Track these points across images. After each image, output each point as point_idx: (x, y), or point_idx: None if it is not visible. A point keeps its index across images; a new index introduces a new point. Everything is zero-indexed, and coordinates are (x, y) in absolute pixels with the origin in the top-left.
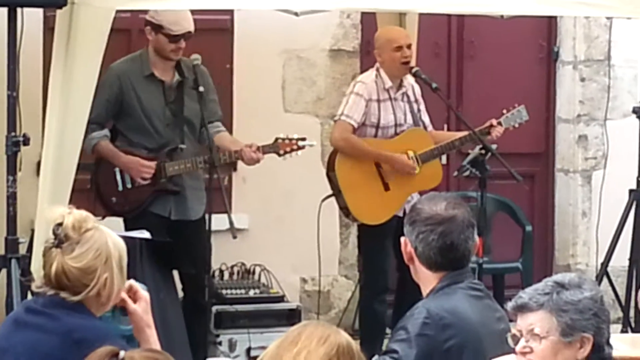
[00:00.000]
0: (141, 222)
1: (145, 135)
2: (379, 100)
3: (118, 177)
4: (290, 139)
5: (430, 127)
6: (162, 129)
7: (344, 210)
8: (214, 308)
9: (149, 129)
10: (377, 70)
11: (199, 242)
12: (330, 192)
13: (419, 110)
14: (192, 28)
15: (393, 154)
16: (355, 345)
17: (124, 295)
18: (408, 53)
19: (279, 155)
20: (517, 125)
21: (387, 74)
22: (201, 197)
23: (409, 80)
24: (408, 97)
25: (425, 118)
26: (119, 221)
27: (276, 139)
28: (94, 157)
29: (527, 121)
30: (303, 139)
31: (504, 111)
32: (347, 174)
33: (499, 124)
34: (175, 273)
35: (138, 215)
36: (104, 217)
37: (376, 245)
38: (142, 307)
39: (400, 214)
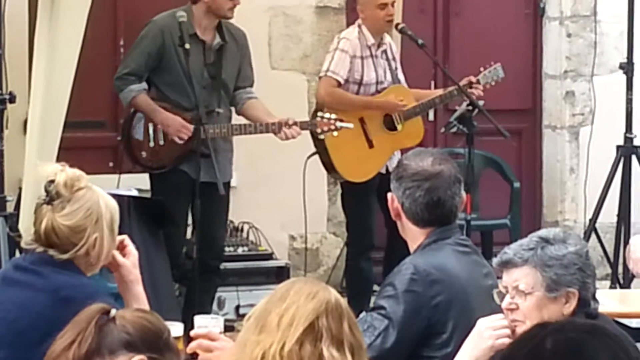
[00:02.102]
0: (168, 180)
1: (181, 93)
2: (362, 57)
3: (151, 131)
4: (329, 118)
5: (405, 86)
6: (199, 89)
7: (328, 168)
8: None
9: (186, 88)
10: (359, 26)
11: (224, 205)
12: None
13: (396, 68)
14: None
15: (380, 98)
16: (344, 301)
17: (113, 251)
18: (392, 11)
19: (316, 133)
20: (493, 84)
21: (370, 30)
22: (231, 158)
23: (387, 38)
24: (387, 54)
25: (401, 76)
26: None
27: (314, 116)
28: (127, 109)
29: (503, 79)
30: (341, 120)
31: (481, 69)
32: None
33: (477, 81)
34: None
35: (166, 172)
36: (133, 169)
37: (360, 203)
38: (131, 261)
39: (383, 171)
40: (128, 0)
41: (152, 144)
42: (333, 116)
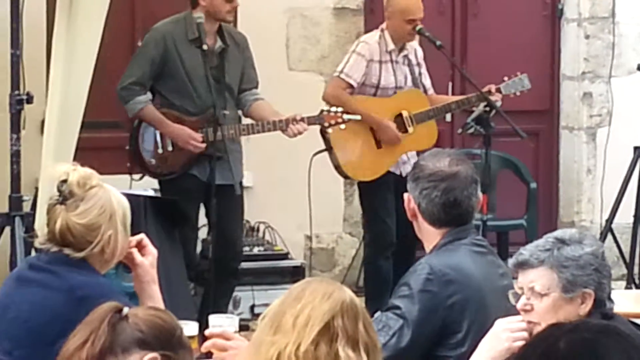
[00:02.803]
0: (178, 185)
1: (186, 98)
2: (380, 62)
3: (159, 139)
4: (335, 112)
5: (431, 91)
6: (204, 93)
7: (335, 165)
8: None
9: (191, 93)
10: (382, 31)
11: (238, 204)
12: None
13: (420, 73)
14: None
15: (381, 120)
16: (359, 301)
17: (132, 249)
18: (419, 26)
19: (324, 127)
20: (518, 94)
21: (392, 37)
22: (240, 159)
23: (413, 43)
24: (409, 60)
25: (426, 81)
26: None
27: (321, 111)
28: (134, 118)
29: (529, 90)
30: (347, 112)
31: (505, 78)
32: (340, 131)
33: (498, 90)
34: (201, 234)
35: (176, 177)
36: (142, 177)
37: (377, 200)
38: (149, 261)
39: (397, 172)
40: (145, 2)
41: (160, 150)
42: (340, 109)
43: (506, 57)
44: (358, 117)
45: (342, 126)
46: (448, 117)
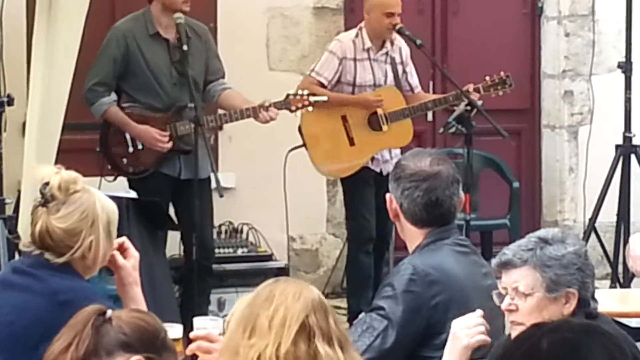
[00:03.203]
0: (148, 183)
1: (152, 95)
2: (355, 59)
3: (128, 138)
4: (302, 95)
5: (417, 89)
6: (170, 88)
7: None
8: None
9: (157, 89)
10: (360, 29)
11: (207, 201)
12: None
13: (404, 72)
14: None
15: (355, 96)
16: (324, 297)
17: (114, 252)
18: (397, 20)
19: (291, 111)
20: (500, 93)
21: (370, 34)
22: (207, 154)
23: (398, 42)
24: (392, 58)
25: (412, 80)
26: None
27: (287, 95)
28: (102, 118)
29: (511, 88)
30: (313, 94)
31: (487, 77)
32: (312, 127)
33: (477, 89)
34: (177, 234)
35: (147, 176)
36: (115, 178)
37: (355, 197)
38: (131, 263)
39: (377, 170)
40: (126, 1)
41: (131, 149)
42: (305, 92)
43: (486, 55)
44: (324, 98)
45: (310, 108)
46: (429, 116)
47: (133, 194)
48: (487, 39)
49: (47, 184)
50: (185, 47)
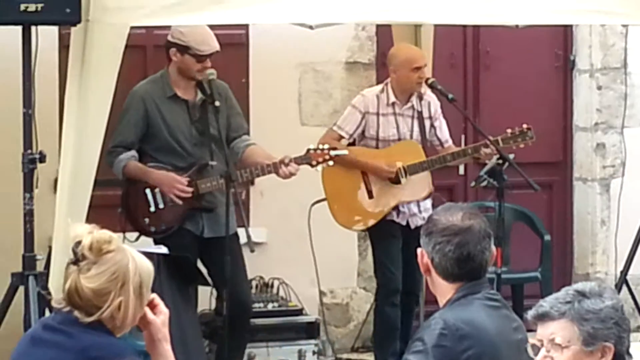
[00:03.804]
0: (173, 241)
1: (173, 155)
2: (378, 114)
3: (150, 197)
4: (322, 149)
5: (448, 144)
6: (191, 148)
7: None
8: None
9: (177, 149)
10: (385, 85)
11: (238, 256)
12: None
13: (432, 126)
14: (218, 47)
15: (367, 161)
16: None
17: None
18: (424, 73)
19: (312, 166)
20: (522, 146)
21: (398, 89)
22: (233, 211)
23: (428, 97)
24: (419, 112)
25: (442, 134)
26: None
27: (308, 150)
28: (124, 178)
29: (533, 141)
30: (334, 148)
31: (508, 130)
32: (332, 181)
33: (496, 142)
34: (207, 289)
35: (171, 234)
36: (137, 238)
37: (380, 248)
38: (161, 319)
39: (403, 223)
40: (158, 59)
41: (152, 208)
42: (326, 146)
43: (519, 108)
44: (345, 152)
45: (331, 162)
46: (461, 170)
47: (164, 250)
48: (519, 92)
49: (79, 242)
50: (217, 103)
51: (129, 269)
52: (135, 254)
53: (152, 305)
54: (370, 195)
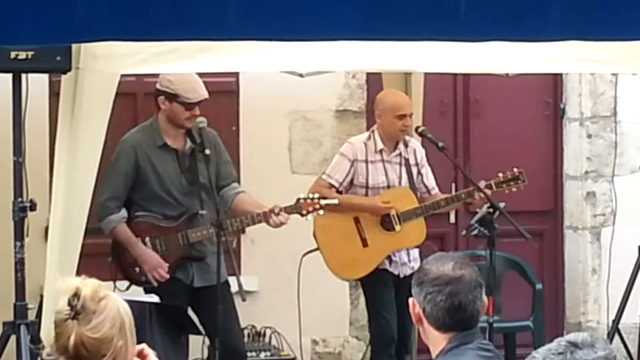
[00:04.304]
0: (163, 290)
1: (163, 204)
2: (366, 161)
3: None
4: (312, 198)
5: (434, 191)
6: (181, 197)
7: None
8: None
9: (167, 199)
10: (372, 132)
11: (230, 304)
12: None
13: (419, 173)
14: (207, 94)
15: (362, 200)
16: None
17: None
18: (409, 122)
19: (302, 215)
20: (514, 189)
21: (383, 136)
22: (222, 260)
23: (412, 144)
24: (406, 160)
25: (429, 182)
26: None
27: (298, 199)
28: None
29: (525, 184)
30: (324, 198)
31: (499, 174)
32: (325, 230)
33: (489, 186)
34: (199, 338)
35: (160, 283)
36: (128, 287)
37: (374, 296)
38: None
39: (395, 272)
40: (149, 106)
41: None
42: (316, 195)
43: (509, 156)
44: (335, 201)
45: (321, 212)
46: (452, 218)
47: (156, 299)
48: (509, 140)
49: (76, 295)
50: (207, 152)
51: (121, 312)
52: (115, 296)
53: (142, 356)
54: (365, 244)
